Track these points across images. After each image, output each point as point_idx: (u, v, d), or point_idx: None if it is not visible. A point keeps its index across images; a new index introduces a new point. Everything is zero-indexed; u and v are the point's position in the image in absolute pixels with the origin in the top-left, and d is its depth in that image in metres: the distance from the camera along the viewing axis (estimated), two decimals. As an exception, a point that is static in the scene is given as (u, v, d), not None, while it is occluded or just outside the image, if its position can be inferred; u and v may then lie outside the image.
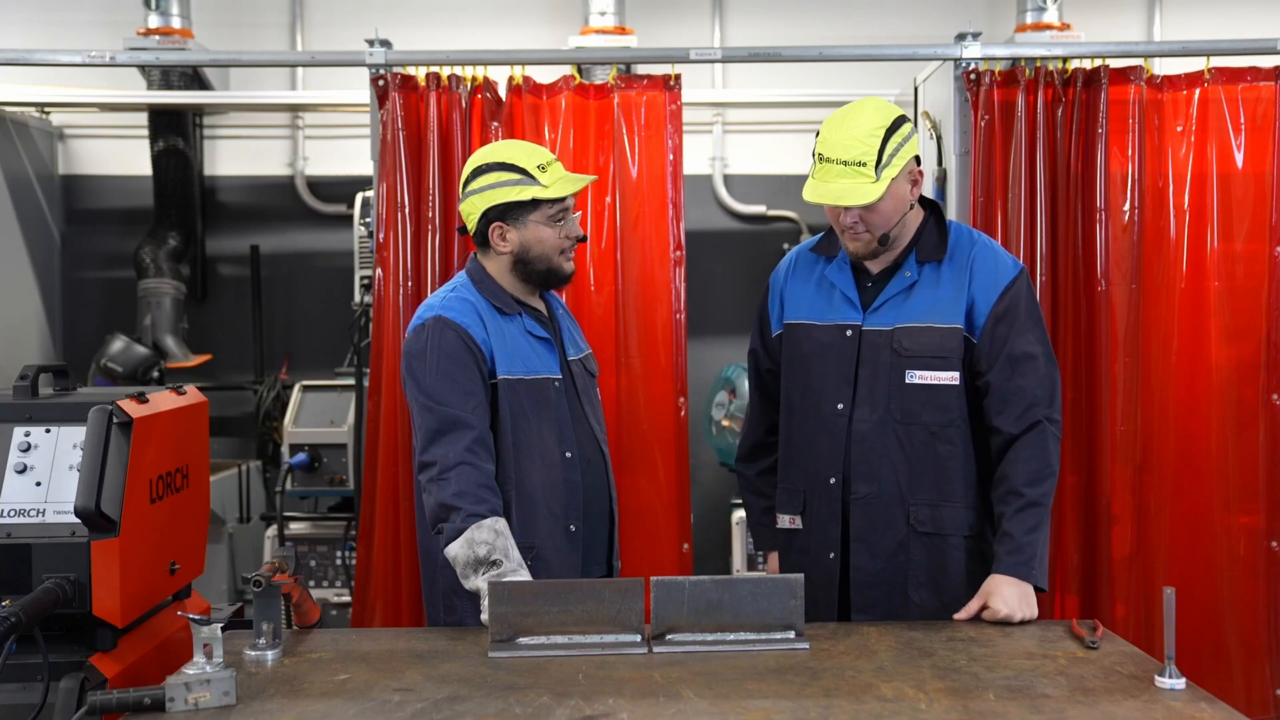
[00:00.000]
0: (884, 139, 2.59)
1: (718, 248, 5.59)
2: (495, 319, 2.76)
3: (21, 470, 2.37)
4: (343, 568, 4.61)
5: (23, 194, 5.27)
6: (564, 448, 2.76)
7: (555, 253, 2.81)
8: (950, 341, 2.69)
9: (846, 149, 2.59)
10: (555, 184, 2.78)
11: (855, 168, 2.58)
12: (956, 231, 2.78)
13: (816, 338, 2.79)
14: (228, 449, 5.48)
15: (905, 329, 2.70)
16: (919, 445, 2.70)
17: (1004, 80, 3.86)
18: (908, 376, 2.69)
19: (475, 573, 2.52)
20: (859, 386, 2.73)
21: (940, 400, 2.69)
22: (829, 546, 2.77)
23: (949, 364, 2.69)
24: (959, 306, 2.70)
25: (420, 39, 4.96)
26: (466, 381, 2.67)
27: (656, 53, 4.59)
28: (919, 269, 2.73)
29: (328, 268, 5.54)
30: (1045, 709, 2.01)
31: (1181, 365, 3.88)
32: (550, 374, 2.79)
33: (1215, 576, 3.86)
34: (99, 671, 2.27)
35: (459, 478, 2.58)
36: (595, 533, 2.83)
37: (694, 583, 2.38)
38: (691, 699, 2.06)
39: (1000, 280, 2.71)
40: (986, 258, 2.74)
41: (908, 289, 2.73)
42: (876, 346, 2.72)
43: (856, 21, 5.57)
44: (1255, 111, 3.87)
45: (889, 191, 2.61)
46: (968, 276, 2.71)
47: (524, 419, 2.73)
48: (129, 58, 4.48)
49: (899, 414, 2.70)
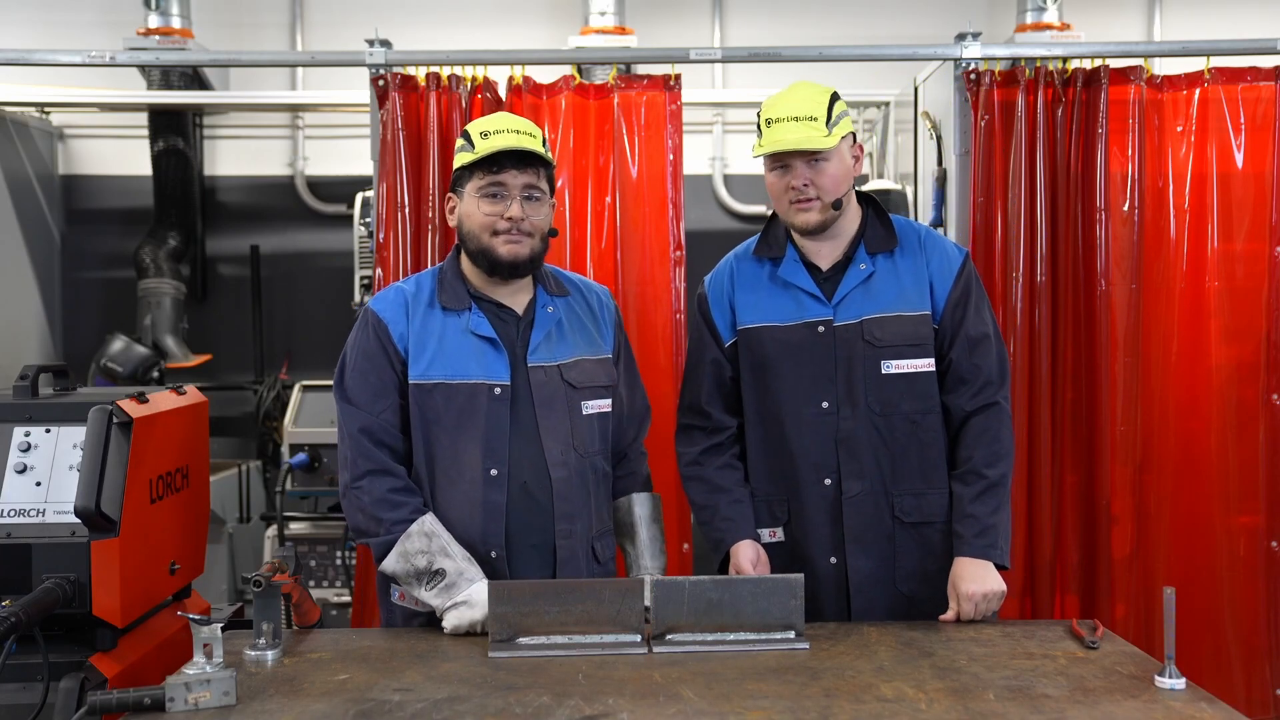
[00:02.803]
0: (830, 102, 2.67)
1: (718, 248, 5.51)
2: (431, 315, 2.57)
3: (21, 470, 2.38)
4: (343, 568, 4.60)
5: (23, 194, 5.27)
6: (489, 464, 2.50)
7: (484, 231, 2.52)
8: (922, 328, 2.69)
9: (796, 107, 2.65)
10: (481, 147, 2.51)
11: (807, 121, 2.63)
12: (901, 223, 2.79)
13: (781, 339, 2.72)
14: (228, 449, 5.48)
15: (875, 320, 2.68)
16: (900, 436, 2.68)
17: (1004, 80, 3.86)
18: (884, 367, 2.67)
19: (420, 585, 2.44)
20: (838, 383, 2.70)
21: (918, 388, 2.69)
22: (829, 551, 2.71)
23: (923, 351, 2.68)
24: (924, 293, 2.70)
25: (420, 39, 4.96)
26: (378, 380, 2.52)
27: (656, 53, 4.59)
28: (872, 260, 2.73)
29: (328, 268, 5.55)
30: (1045, 709, 2.01)
31: (1181, 365, 3.87)
32: (488, 379, 2.52)
33: (1215, 576, 3.86)
34: (99, 671, 2.28)
35: (370, 487, 2.47)
36: (526, 565, 2.54)
37: (694, 583, 2.37)
38: (691, 699, 2.05)
39: (952, 265, 2.74)
40: (937, 244, 2.77)
41: (865, 280, 2.71)
42: (848, 340, 2.70)
43: (856, 21, 5.57)
44: (1255, 111, 3.86)
45: (837, 153, 2.66)
46: (924, 264, 2.73)
47: (439, 428, 2.51)
48: (129, 58, 4.48)
49: (878, 406, 2.68)
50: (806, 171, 2.65)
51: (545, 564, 2.57)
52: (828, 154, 2.64)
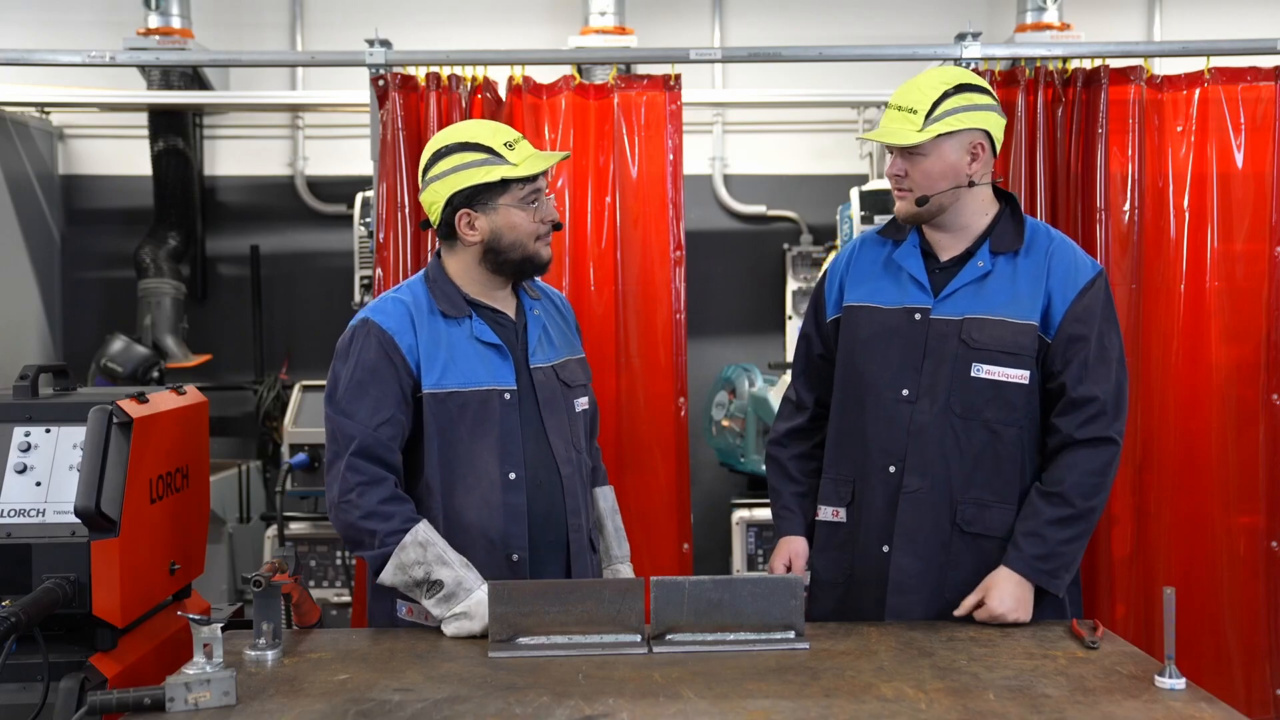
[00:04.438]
0: (943, 95, 2.58)
1: (718, 248, 5.59)
2: (435, 324, 2.55)
3: (21, 470, 2.38)
4: (343, 568, 4.61)
5: (23, 194, 5.27)
6: (507, 468, 2.53)
7: (530, 239, 2.56)
8: (1024, 338, 2.58)
9: (905, 96, 2.62)
10: (525, 162, 2.53)
11: (906, 113, 2.59)
12: (1033, 226, 2.69)
13: (880, 321, 2.68)
14: (228, 449, 5.48)
15: (976, 320, 2.60)
16: (977, 442, 2.59)
17: (1004, 80, 3.86)
18: (974, 370, 2.58)
19: (420, 594, 2.44)
20: (923, 375, 2.62)
21: (1005, 398, 2.58)
22: (882, 539, 2.65)
23: (1020, 361, 2.58)
24: (1036, 303, 2.59)
25: (420, 39, 4.96)
26: (378, 393, 2.48)
27: (656, 53, 4.59)
28: (993, 260, 2.63)
29: (328, 268, 5.55)
30: (1045, 709, 2.01)
31: (1181, 365, 3.87)
32: (498, 385, 2.55)
33: (1215, 576, 3.86)
34: (99, 671, 2.28)
35: (360, 501, 2.43)
36: (546, 563, 2.59)
37: (694, 583, 2.37)
38: (691, 699, 2.05)
39: (1079, 279, 2.61)
40: (1065, 255, 2.64)
41: (980, 279, 2.62)
42: (943, 335, 2.61)
43: (856, 21, 5.57)
44: (1255, 111, 3.86)
45: (936, 150, 2.58)
46: (1045, 272, 2.61)
47: (455, 436, 2.51)
48: (129, 58, 4.48)
49: (959, 408, 2.59)
50: (901, 162, 2.64)
51: (559, 558, 2.62)
52: (923, 148, 2.59)
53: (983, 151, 2.63)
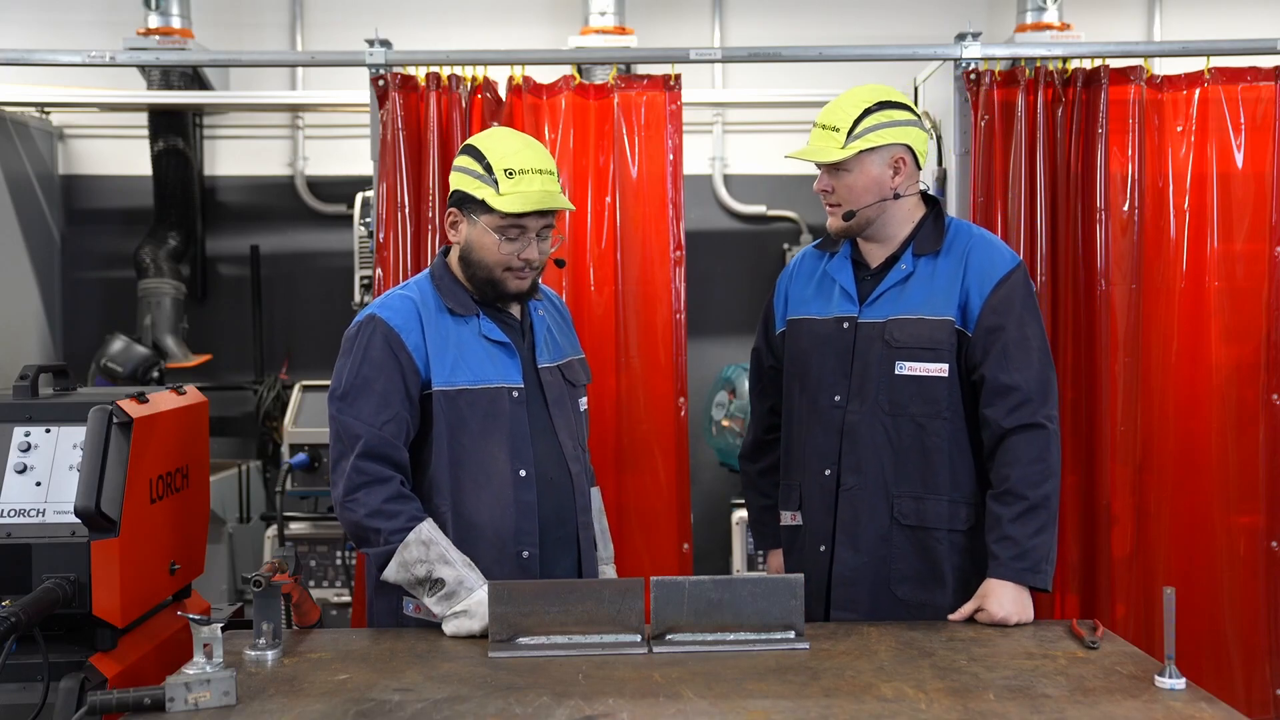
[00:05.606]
0: (865, 113, 2.69)
1: (718, 248, 5.58)
2: (443, 322, 2.56)
3: (21, 470, 2.38)
4: (343, 568, 4.61)
5: (23, 194, 5.27)
6: (518, 465, 2.54)
7: (497, 267, 2.54)
8: (940, 333, 2.67)
9: (828, 115, 2.73)
10: (510, 197, 2.48)
11: (829, 131, 2.71)
12: (956, 226, 2.79)
13: (815, 331, 2.81)
14: (228, 449, 5.48)
15: (897, 320, 2.70)
16: (906, 437, 2.68)
17: (1004, 80, 3.86)
18: (897, 368, 2.69)
19: (422, 592, 2.45)
20: (852, 378, 2.73)
21: (928, 392, 2.68)
22: (821, 539, 2.76)
23: (938, 355, 2.67)
24: (952, 299, 2.69)
25: (420, 39, 4.96)
26: (384, 389, 2.48)
27: (656, 53, 4.59)
28: (915, 262, 2.74)
29: (328, 268, 5.54)
30: (1045, 709, 2.01)
31: (1181, 365, 3.88)
32: (506, 383, 2.56)
33: (1215, 576, 3.86)
34: (99, 671, 2.28)
35: (365, 499, 2.45)
36: (556, 560, 2.61)
37: (694, 583, 2.37)
38: (691, 699, 2.06)
39: (995, 272, 2.69)
40: (982, 249, 2.73)
41: (903, 281, 2.73)
42: (870, 339, 2.72)
43: (856, 21, 5.57)
44: (1255, 111, 3.87)
45: (859, 165, 2.68)
46: (962, 269, 2.70)
47: (465, 433, 2.52)
48: (129, 58, 4.48)
49: (887, 405, 2.69)
50: (827, 178, 2.74)
51: (570, 555, 2.65)
52: (846, 164, 2.69)
53: (905, 165, 2.73)
